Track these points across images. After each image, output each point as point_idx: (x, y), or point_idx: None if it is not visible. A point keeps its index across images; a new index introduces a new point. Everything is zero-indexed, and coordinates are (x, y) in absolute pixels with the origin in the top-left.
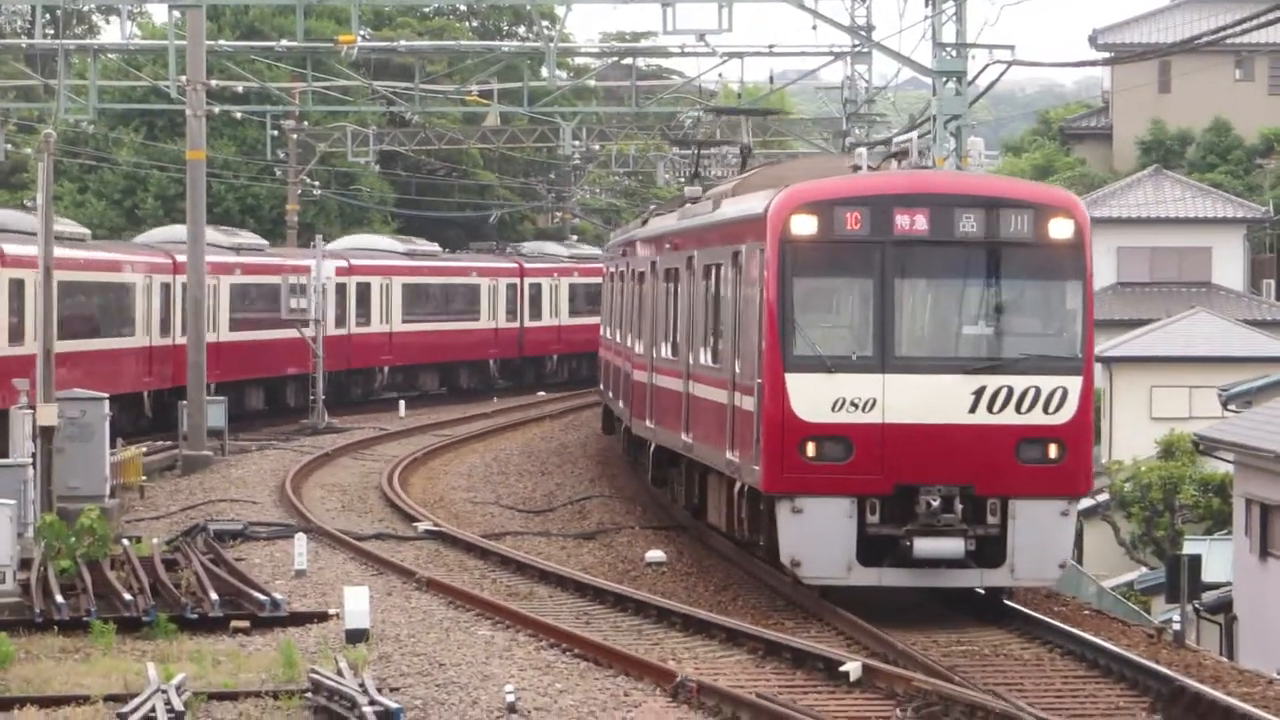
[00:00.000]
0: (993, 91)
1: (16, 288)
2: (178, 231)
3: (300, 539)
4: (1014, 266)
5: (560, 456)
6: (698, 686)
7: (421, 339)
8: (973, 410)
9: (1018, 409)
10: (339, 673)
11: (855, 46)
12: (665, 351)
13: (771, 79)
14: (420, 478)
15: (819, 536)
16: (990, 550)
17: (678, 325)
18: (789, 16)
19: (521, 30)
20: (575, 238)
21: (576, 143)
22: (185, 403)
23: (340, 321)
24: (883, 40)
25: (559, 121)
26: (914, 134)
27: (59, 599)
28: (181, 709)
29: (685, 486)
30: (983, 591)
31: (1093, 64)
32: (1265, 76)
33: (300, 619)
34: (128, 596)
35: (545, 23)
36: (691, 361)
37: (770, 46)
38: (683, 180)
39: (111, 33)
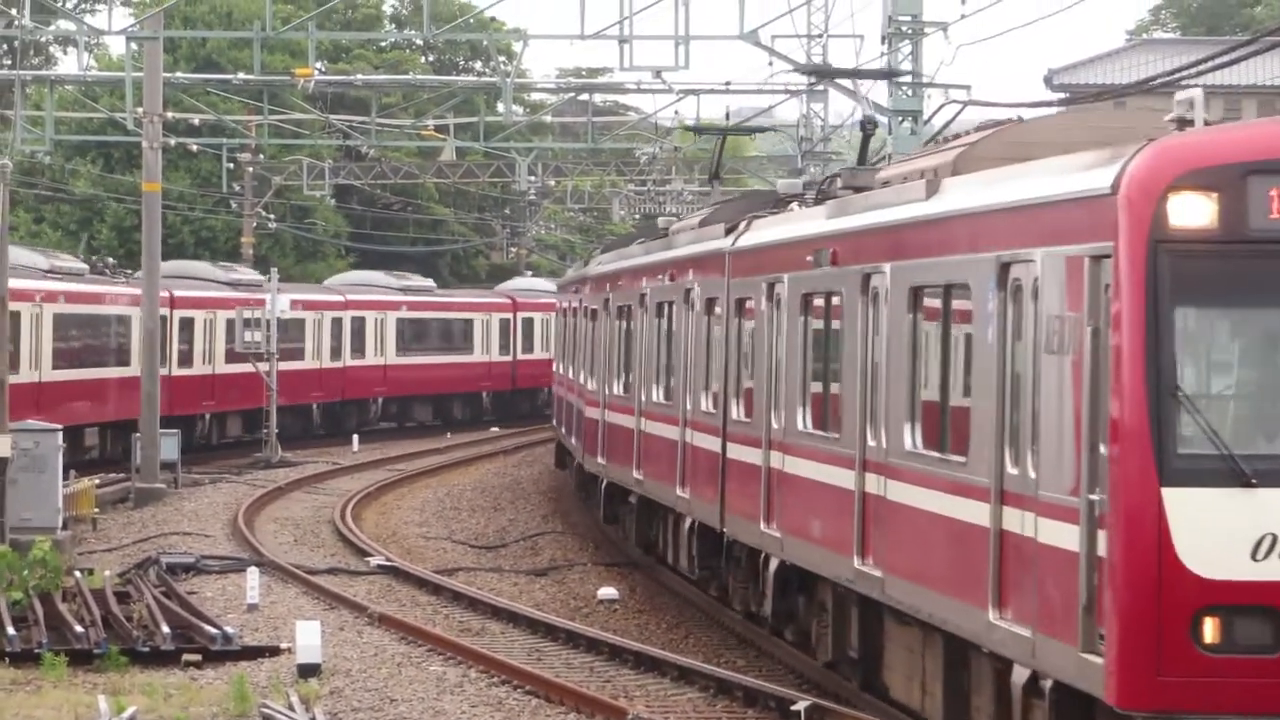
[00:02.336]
0: (948, 131)
1: None
2: (192, 267)
3: (253, 573)
4: None
5: (513, 492)
6: None
7: (416, 371)
8: None
9: None
10: (290, 707)
11: (811, 84)
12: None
13: (728, 115)
14: (373, 512)
15: None
16: None
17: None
18: (745, 54)
19: (478, 65)
20: (530, 273)
21: (532, 178)
22: (138, 435)
23: (336, 354)
24: (838, 79)
25: (515, 156)
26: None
27: (10, 630)
28: None
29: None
30: None
31: (1048, 104)
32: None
33: (252, 653)
34: (79, 629)
35: (502, 58)
36: (691, 408)
37: (726, 83)
38: (638, 216)
39: (69, 64)
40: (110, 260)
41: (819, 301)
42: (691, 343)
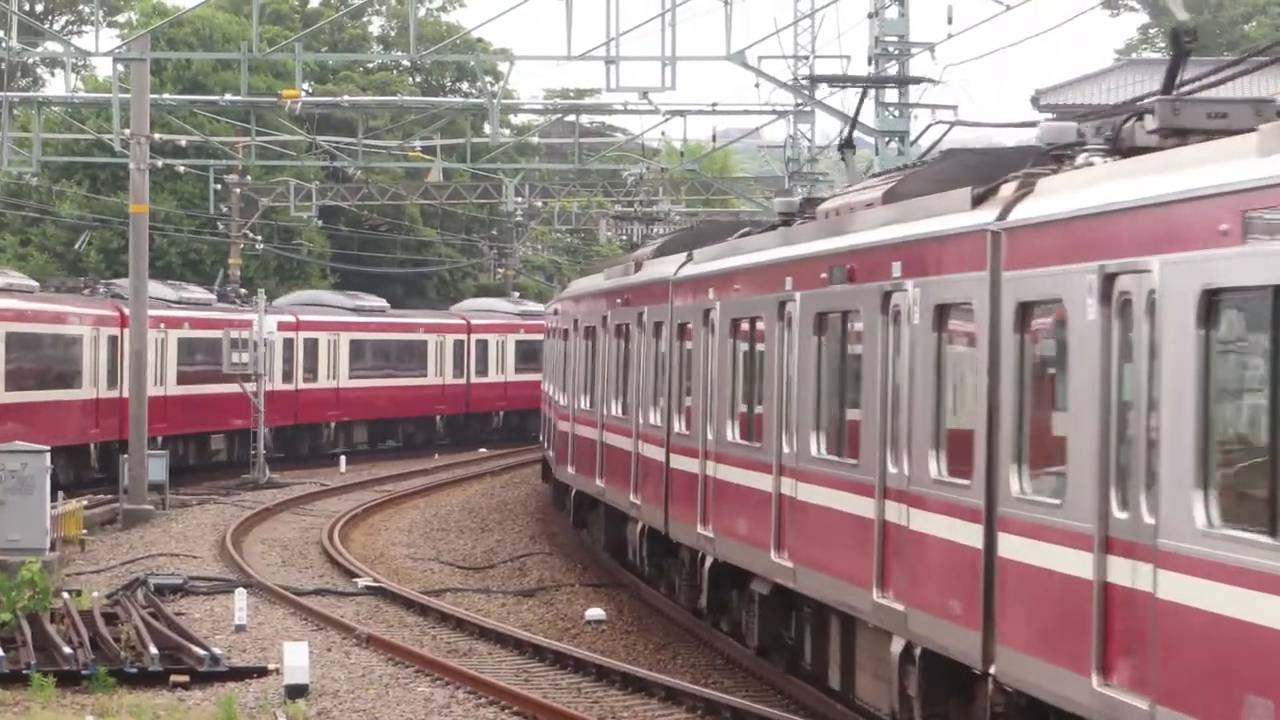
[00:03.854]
0: (935, 151)
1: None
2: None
3: (240, 594)
4: None
5: (500, 513)
6: None
7: (369, 394)
8: None
9: None
10: None
11: (798, 105)
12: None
13: (715, 136)
14: (361, 533)
15: None
16: None
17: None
18: (732, 74)
19: (465, 86)
20: (518, 294)
21: (519, 199)
22: (126, 456)
23: (288, 377)
24: (825, 99)
25: (502, 178)
26: None
27: None
28: None
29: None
30: None
31: (1035, 124)
32: None
33: (240, 674)
34: (67, 650)
35: (489, 79)
36: (641, 421)
37: (713, 104)
38: (625, 238)
39: (56, 85)
40: (242, 291)
41: (745, 325)
42: (643, 362)
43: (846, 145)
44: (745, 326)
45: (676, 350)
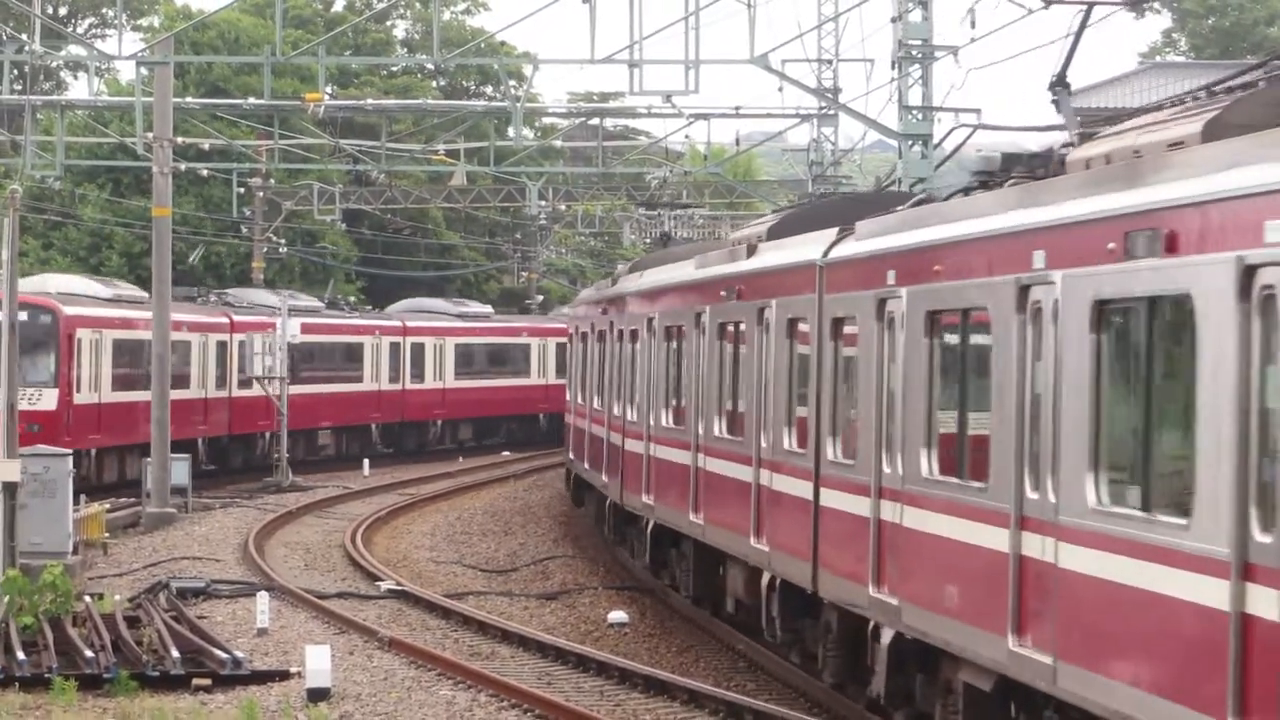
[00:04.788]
0: (958, 155)
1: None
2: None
3: (263, 597)
4: None
5: (524, 516)
6: None
7: (473, 394)
8: None
9: None
10: None
11: (821, 109)
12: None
13: (738, 140)
14: (383, 536)
15: None
16: None
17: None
18: (756, 78)
19: (489, 90)
20: (541, 298)
21: (543, 203)
22: (149, 460)
23: (395, 378)
24: (849, 103)
25: (525, 181)
26: None
27: (20, 655)
28: None
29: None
30: None
31: (1059, 128)
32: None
33: (262, 677)
34: (89, 653)
35: (512, 82)
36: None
37: (737, 108)
38: (649, 242)
39: (79, 89)
40: (351, 299)
41: (730, 328)
42: (775, 373)
43: (1060, 84)
44: (952, 321)
45: (830, 355)
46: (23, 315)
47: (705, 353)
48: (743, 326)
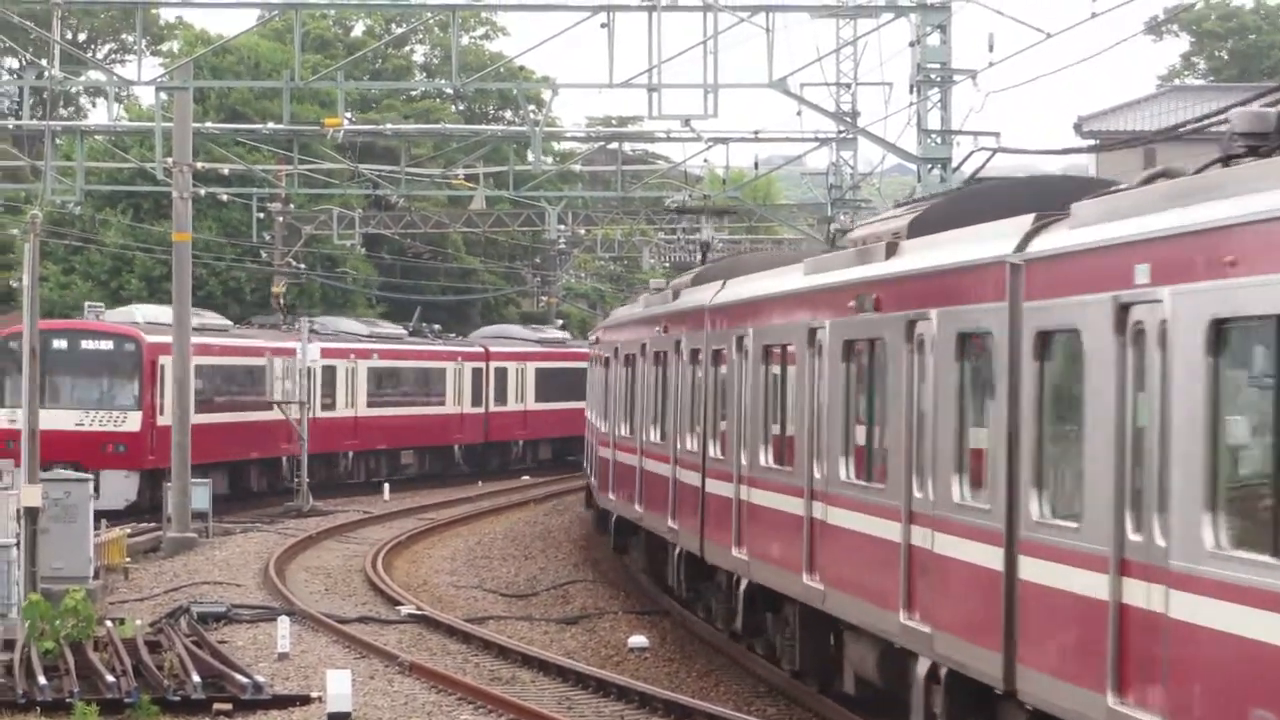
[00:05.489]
0: (975, 179)
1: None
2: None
3: (283, 621)
4: None
5: (544, 541)
6: None
7: (552, 416)
8: None
9: None
10: None
11: (840, 132)
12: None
13: (756, 164)
14: (404, 561)
15: None
16: None
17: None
18: (775, 102)
19: (508, 114)
20: (560, 322)
21: (562, 226)
22: (169, 484)
23: (477, 400)
24: (868, 126)
25: (544, 205)
26: None
27: (42, 680)
28: None
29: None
30: None
31: (1077, 151)
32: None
33: (283, 702)
34: (110, 678)
35: (531, 107)
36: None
37: (756, 132)
38: (668, 266)
39: (98, 114)
40: (436, 326)
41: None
42: (679, 390)
43: None
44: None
45: (1032, 383)
46: (108, 344)
47: (823, 377)
48: (884, 344)
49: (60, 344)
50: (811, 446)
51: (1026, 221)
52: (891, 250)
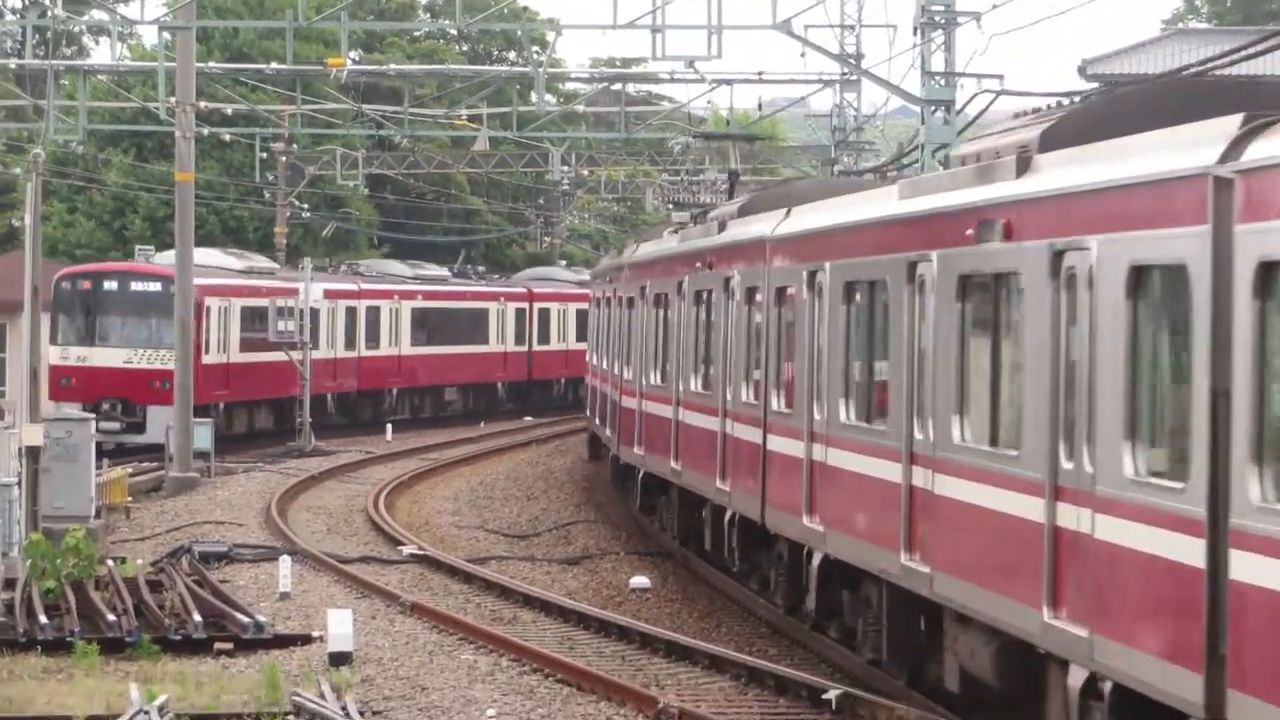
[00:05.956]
0: (981, 120)
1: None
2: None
3: (285, 561)
4: None
5: (546, 481)
6: (679, 713)
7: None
8: None
9: None
10: (321, 695)
11: (844, 74)
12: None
13: (760, 105)
14: (406, 501)
15: None
16: None
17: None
18: (779, 44)
19: (511, 55)
20: (564, 263)
21: (565, 168)
22: (171, 425)
23: (521, 339)
24: (871, 68)
25: (548, 147)
26: None
27: (43, 619)
28: None
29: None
30: None
31: (1082, 94)
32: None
33: (284, 641)
34: (111, 617)
35: (535, 48)
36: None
37: (759, 73)
38: (671, 206)
39: (101, 54)
40: (480, 269)
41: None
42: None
43: None
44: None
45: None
46: (156, 286)
47: (927, 319)
48: (1015, 279)
49: (111, 285)
50: (911, 403)
51: (1233, 124)
52: (1024, 166)
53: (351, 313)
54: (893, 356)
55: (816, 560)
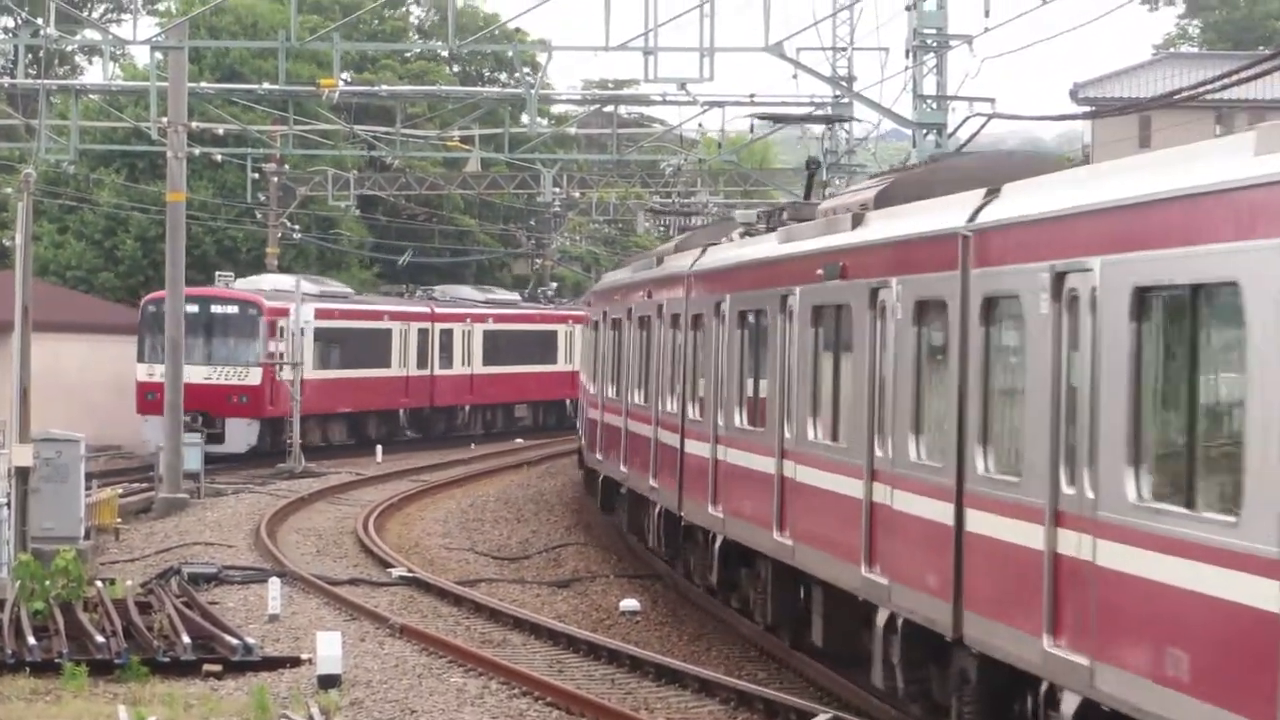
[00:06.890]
0: (973, 144)
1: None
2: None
3: (274, 583)
4: None
5: (536, 504)
6: None
7: None
8: None
9: None
10: (310, 718)
11: (836, 97)
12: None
13: (752, 128)
14: (396, 523)
15: None
16: None
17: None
18: (771, 67)
19: (503, 76)
20: (555, 285)
21: (557, 189)
22: (161, 446)
23: (568, 359)
24: (864, 91)
25: (539, 168)
26: None
27: (31, 640)
28: None
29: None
30: None
31: (1073, 117)
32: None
33: (273, 664)
34: (100, 639)
35: (527, 69)
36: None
37: (751, 96)
38: (664, 228)
39: (94, 73)
40: (549, 292)
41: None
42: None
43: None
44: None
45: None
46: (234, 309)
47: (793, 342)
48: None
49: (193, 308)
50: (782, 411)
51: (979, 194)
52: (858, 221)
53: (424, 334)
54: (770, 371)
55: (718, 543)
